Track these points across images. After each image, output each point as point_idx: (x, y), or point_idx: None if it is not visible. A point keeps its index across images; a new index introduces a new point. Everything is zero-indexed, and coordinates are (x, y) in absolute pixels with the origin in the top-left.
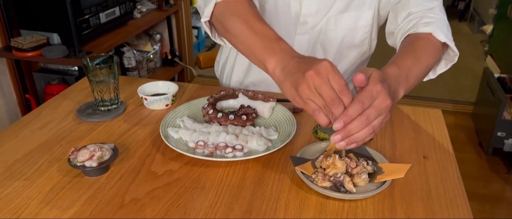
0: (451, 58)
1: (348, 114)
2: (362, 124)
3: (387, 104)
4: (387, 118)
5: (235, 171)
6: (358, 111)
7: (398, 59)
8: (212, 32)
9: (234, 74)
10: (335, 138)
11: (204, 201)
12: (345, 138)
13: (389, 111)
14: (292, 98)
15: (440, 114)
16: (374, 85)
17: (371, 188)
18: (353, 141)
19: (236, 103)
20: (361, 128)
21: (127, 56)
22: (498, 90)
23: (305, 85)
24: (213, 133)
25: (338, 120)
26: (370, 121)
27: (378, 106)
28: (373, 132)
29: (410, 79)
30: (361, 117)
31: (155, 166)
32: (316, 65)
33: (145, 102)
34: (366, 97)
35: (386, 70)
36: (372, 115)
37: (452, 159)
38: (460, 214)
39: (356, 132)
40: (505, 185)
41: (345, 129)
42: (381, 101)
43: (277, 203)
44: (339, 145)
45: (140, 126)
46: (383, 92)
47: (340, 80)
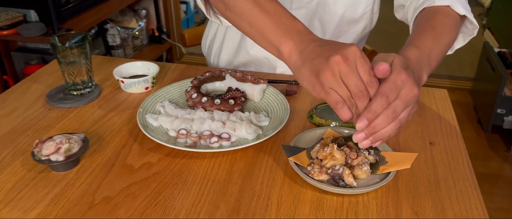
0: (469, 32)
1: (373, 110)
2: (388, 119)
3: (414, 94)
4: (415, 110)
5: (222, 163)
6: (383, 105)
7: (417, 39)
8: (207, 10)
9: (223, 52)
10: (358, 137)
11: (186, 199)
12: (369, 136)
13: (416, 101)
14: (311, 86)
15: (446, 94)
16: (398, 74)
17: (374, 181)
18: (378, 138)
19: (223, 85)
20: (387, 124)
21: (111, 34)
22: (498, 66)
23: (329, 72)
24: (197, 120)
25: (362, 118)
26: (397, 114)
27: (405, 97)
28: (400, 127)
29: (432, 60)
30: (387, 112)
31: (132, 158)
32: (344, 50)
33: (122, 85)
34: (391, 88)
35: (406, 53)
36: (399, 108)
37: (461, 145)
38: (473, 208)
39: (381, 128)
40: (504, 163)
41: (369, 126)
42: (408, 91)
43: (268, 199)
44: (363, 144)
45: (116, 112)
46: (409, 81)
47: (369, 69)
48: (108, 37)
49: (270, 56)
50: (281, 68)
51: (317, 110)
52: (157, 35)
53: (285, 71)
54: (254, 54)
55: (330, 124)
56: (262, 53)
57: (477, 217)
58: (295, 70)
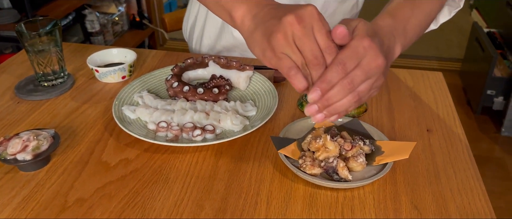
0: (456, 4)
1: (327, 79)
2: (344, 90)
3: (378, 64)
4: (379, 83)
5: (206, 158)
6: (339, 75)
7: (393, 7)
8: None
9: (205, 37)
10: (310, 110)
11: (167, 198)
12: (323, 109)
13: (382, 73)
14: (262, 52)
15: (441, 77)
16: (360, 40)
17: (370, 173)
18: (333, 112)
19: (206, 73)
20: (343, 96)
21: (90, 20)
22: (488, 46)
23: (281, 34)
24: (178, 112)
25: (314, 89)
26: (355, 86)
27: (366, 66)
28: (358, 100)
29: (408, 31)
30: (343, 82)
31: (107, 154)
32: (299, 10)
33: (97, 74)
34: (350, 56)
35: (378, 21)
36: (358, 78)
37: (460, 131)
38: (476, 200)
39: (336, 101)
40: (494, 145)
41: (322, 98)
42: (370, 60)
43: (258, 196)
44: (316, 118)
45: (90, 104)
46: (373, 48)
47: (327, 33)
48: (87, 24)
49: None
50: None
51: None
52: (138, 21)
53: None
54: (239, 36)
55: None
56: None
57: (481, 209)
58: (248, 37)
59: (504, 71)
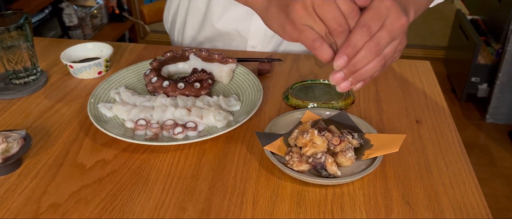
0: None
1: (352, 44)
2: (371, 54)
3: (402, 23)
4: (402, 45)
5: (188, 156)
6: (364, 38)
7: None
8: None
9: (187, 28)
10: (336, 78)
11: (148, 201)
12: (349, 75)
13: (405, 34)
14: (281, 28)
15: (429, 66)
16: (382, 1)
17: (359, 168)
18: (359, 78)
19: (187, 66)
20: (370, 60)
21: (67, 13)
22: (472, 33)
23: (300, 5)
24: (158, 108)
25: (340, 55)
26: (382, 48)
27: (390, 26)
28: (384, 65)
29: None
30: (369, 45)
31: (83, 156)
32: None
33: (71, 70)
34: (373, 17)
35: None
36: (383, 39)
37: (449, 121)
38: (469, 193)
39: (363, 66)
40: (479, 132)
41: (349, 64)
42: (394, 19)
43: (243, 196)
44: (341, 86)
45: (65, 102)
46: (395, 7)
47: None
48: (64, 17)
49: (240, 28)
50: (252, 41)
51: (293, 90)
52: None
53: (256, 45)
54: (221, 27)
55: (308, 105)
56: (230, 26)
57: (474, 203)
58: (263, 14)
59: (488, 58)
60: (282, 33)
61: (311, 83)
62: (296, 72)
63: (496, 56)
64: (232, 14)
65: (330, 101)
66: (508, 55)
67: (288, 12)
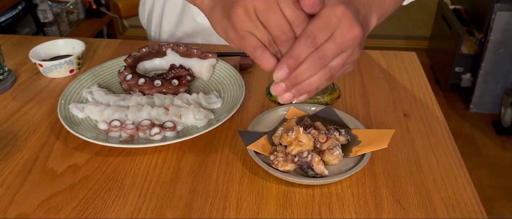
0: None
1: (294, 55)
2: (315, 66)
3: (353, 35)
4: (354, 57)
5: (166, 159)
6: (308, 49)
7: None
8: None
9: (164, 22)
10: (277, 89)
11: (123, 208)
12: (291, 88)
13: (358, 46)
14: (224, 32)
15: (415, 58)
16: (333, 8)
17: (347, 166)
18: (302, 91)
19: (164, 62)
20: (313, 72)
21: (42, 9)
22: (455, 23)
23: (241, 10)
24: (133, 108)
25: (280, 66)
26: (327, 61)
27: (340, 38)
28: (330, 77)
29: (385, 1)
30: (313, 57)
31: (54, 160)
32: None
33: (41, 69)
34: (320, 27)
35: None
36: (329, 52)
37: (438, 114)
38: (461, 189)
39: (306, 78)
40: (463, 122)
41: (290, 76)
42: (344, 30)
43: (226, 200)
44: (283, 98)
45: (34, 103)
46: (347, 16)
47: (294, 2)
48: (39, 14)
49: None
50: None
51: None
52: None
53: None
54: (202, 21)
55: (292, 101)
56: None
57: (466, 199)
58: (209, 17)
59: (471, 48)
60: (226, 38)
61: None
62: None
63: (479, 46)
64: None
65: (315, 96)
66: (491, 45)
67: (230, 16)
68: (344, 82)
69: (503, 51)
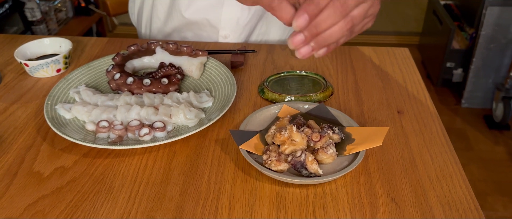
0: None
1: (315, 1)
2: (337, 14)
3: None
4: (374, 9)
5: (156, 160)
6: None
7: None
8: None
9: (154, 19)
10: (296, 40)
11: (112, 211)
12: (310, 39)
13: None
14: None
15: (408, 54)
16: None
17: (341, 165)
18: (322, 43)
19: (153, 61)
20: (335, 21)
21: (29, 7)
22: (446, 18)
23: None
24: (121, 108)
25: (300, 13)
26: (349, 8)
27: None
28: (352, 29)
29: None
30: (334, 2)
31: (40, 163)
32: None
33: (27, 68)
34: None
35: None
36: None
37: (432, 111)
38: (456, 187)
39: (327, 27)
40: (455, 117)
41: (310, 25)
42: None
43: (218, 201)
44: (301, 52)
45: (20, 104)
46: None
47: None
48: (26, 12)
49: (211, 16)
50: (224, 30)
51: (269, 83)
52: (84, 6)
53: (228, 34)
54: (190, 16)
55: (285, 99)
56: (199, 14)
57: (462, 198)
58: None
59: (462, 43)
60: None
61: (287, 75)
62: (271, 64)
63: (470, 41)
64: (201, 3)
65: (308, 93)
66: (482, 39)
67: None
68: (337, 79)
69: (494, 46)
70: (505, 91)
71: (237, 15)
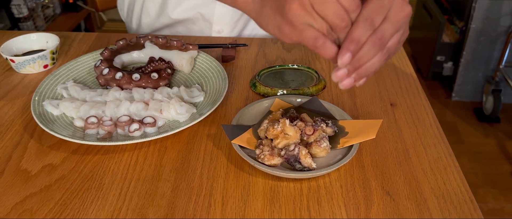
0: None
1: (355, 39)
2: (375, 48)
3: (406, 13)
4: (406, 35)
5: (147, 156)
6: (367, 31)
7: None
8: None
9: (144, 14)
10: (339, 75)
11: (102, 209)
12: (353, 72)
13: (407, 24)
14: (278, 29)
15: None
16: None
17: (335, 158)
18: (363, 74)
19: (143, 55)
20: (374, 54)
21: (16, 4)
22: (436, 12)
23: (296, 4)
24: (110, 103)
25: (344, 52)
26: (386, 41)
27: (394, 17)
28: (388, 57)
29: None
30: (373, 38)
31: (28, 160)
32: None
33: (13, 64)
34: (375, 9)
35: None
36: (387, 32)
37: (425, 103)
38: (451, 178)
39: (367, 61)
40: (446, 110)
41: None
42: (398, 9)
43: (211, 197)
44: (344, 84)
45: (7, 101)
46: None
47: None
48: (13, 8)
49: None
50: (218, 25)
51: (261, 77)
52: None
53: (222, 29)
54: (177, 17)
55: (277, 93)
56: (192, 11)
57: (456, 189)
58: (258, 18)
59: (452, 36)
60: (279, 35)
61: (279, 69)
62: (263, 58)
63: (460, 34)
64: (190, 3)
65: (301, 87)
66: (472, 33)
67: (284, 12)
68: (330, 72)
69: (483, 39)
70: (494, 84)
71: (231, 9)
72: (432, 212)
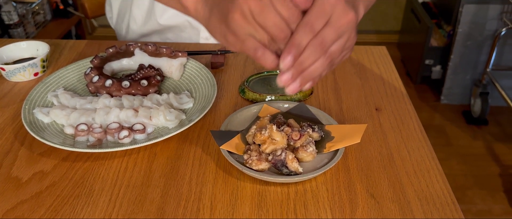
0: None
1: (296, 43)
2: (317, 52)
3: (348, 19)
4: (351, 42)
5: (137, 162)
6: (307, 36)
7: None
8: None
9: (132, 21)
10: (284, 79)
11: (92, 215)
12: (297, 76)
13: (353, 31)
14: (223, 38)
15: (385, 52)
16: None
17: (321, 163)
18: (307, 78)
19: (132, 62)
20: (316, 58)
21: (6, 10)
22: (424, 17)
23: (238, 14)
24: (100, 111)
25: (285, 56)
26: (327, 46)
27: (336, 22)
28: (331, 63)
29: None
30: (313, 42)
31: (19, 168)
32: None
33: (4, 73)
34: (316, 15)
35: None
36: (328, 37)
37: (409, 107)
38: (433, 181)
39: (309, 65)
40: (434, 113)
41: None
42: (340, 15)
43: (200, 202)
44: (290, 89)
45: None
46: (340, 3)
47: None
48: (3, 15)
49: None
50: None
51: (249, 83)
52: (62, 8)
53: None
54: (165, 23)
55: (265, 99)
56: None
57: (439, 191)
58: (207, 25)
59: (440, 40)
60: (226, 43)
61: (267, 75)
62: (252, 64)
63: (448, 38)
64: None
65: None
66: (459, 37)
67: (227, 22)
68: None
69: (470, 43)
70: (482, 87)
71: None
72: (415, 214)
